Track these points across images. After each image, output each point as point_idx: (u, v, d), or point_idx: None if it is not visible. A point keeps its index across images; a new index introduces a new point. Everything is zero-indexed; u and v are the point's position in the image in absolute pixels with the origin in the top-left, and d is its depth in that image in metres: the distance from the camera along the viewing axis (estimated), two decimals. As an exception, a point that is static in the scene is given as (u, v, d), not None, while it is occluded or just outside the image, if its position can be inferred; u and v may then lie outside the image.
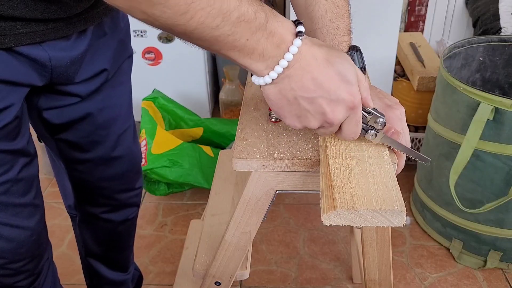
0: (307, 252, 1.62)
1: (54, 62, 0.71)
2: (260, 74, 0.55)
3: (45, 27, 0.66)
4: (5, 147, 0.70)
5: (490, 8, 2.04)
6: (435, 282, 1.50)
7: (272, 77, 0.55)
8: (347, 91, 0.56)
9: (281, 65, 0.54)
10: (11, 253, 0.78)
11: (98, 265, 1.17)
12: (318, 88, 0.55)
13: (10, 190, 0.73)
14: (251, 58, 0.54)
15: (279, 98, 0.57)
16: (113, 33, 0.82)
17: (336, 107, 0.56)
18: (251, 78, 0.58)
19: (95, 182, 0.99)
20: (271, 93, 0.57)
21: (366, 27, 1.85)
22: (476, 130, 1.33)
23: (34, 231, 0.80)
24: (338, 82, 0.55)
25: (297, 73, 0.55)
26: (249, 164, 0.70)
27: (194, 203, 1.86)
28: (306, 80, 0.55)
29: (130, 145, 0.99)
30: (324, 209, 0.56)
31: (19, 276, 0.82)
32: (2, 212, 0.74)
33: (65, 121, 0.85)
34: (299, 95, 0.56)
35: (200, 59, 2.12)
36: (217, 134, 1.97)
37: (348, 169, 0.60)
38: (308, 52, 0.54)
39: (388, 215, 0.54)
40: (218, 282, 0.88)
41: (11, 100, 0.69)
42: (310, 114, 0.57)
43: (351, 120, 0.59)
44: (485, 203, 1.41)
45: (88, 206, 1.06)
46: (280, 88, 0.56)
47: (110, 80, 0.86)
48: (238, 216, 0.77)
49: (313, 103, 0.56)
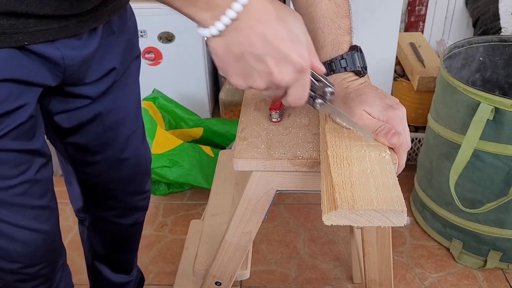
0: (307, 252, 1.62)
1: (67, 61, 0.70)
2: (205, 24, 0.52)
3: (57, 25, 0.65)
4: (23, 147, 0.70)
5: (490, 8, 2.04)
6: (435, 282, 1.50)
7: (219, 28, 0.51)
8: (297, 52, 0.53)
9: (228, 15, 0.50)
10: (27, 257, 0.77)
11: (103, 268, 1.16)
12: (267, 45, 0.52)
13: (29, 191, 0.72)
14: (195, 6, 0.51)
15: (225, 52, 0.53)
16: (121, 32, 0.82)
17: (284, 68, 0.53)
18: (197, 30, 0.54)
19: (104, 185, 0.98)
20: (217, 46, 0.53)
21: (366, 27, 1.85)
22: (476, 130, 1.33)
23: (50, 234, 0.79)
24: (288, 42, 0.53)
25: (246, 26, 0.51)
26: (250, 164, 0.70)
27: (194, 203, 1.86)
28: (255, 35, 0.52)
29: (139, 146, 0.98)
30: (325, 209, 0.56)
31: (35, 281, 0.81)
32: (20, 215, 0.73)
33: (75, 124, 0.84)
34: (247, 50, 0.52)
35: (200, 59, 2.12)
36: (217, 134, 1.97)
37: (349, 169, 0.60)
38: (260, 5, 0.51)
39: (389, 215, 0.54)
40: (219, 282, 0.88)
41: (25, 99, 0.68)
42: (257, 72, 0.54)
43: (298, 83, 0.56)
44: (485, 203, 1.41)
45: (98, 209, 1.05)
46: (226, 41, 0.53)
47: (119, 81, 0.85)
48: (239, 216, 0.77)
49: (260, 61, 0.53)
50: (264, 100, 0.84)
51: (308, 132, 0.75)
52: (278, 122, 0.78)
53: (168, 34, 2.04)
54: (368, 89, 0.72)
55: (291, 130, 0.76)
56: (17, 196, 0.71)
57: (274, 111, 0.78)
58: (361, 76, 0.74)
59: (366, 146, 0.65)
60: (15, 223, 0.72)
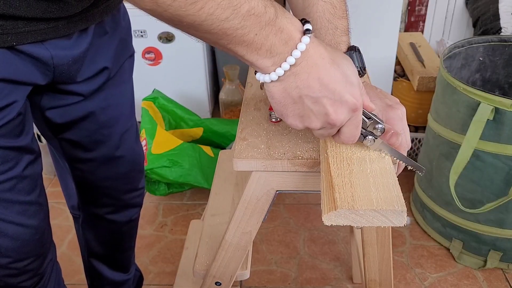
0: (307, 252, 1.62)
1: (56, 61, 0.71)
2: (266, 71, 0.55)
3: (46, 26, 0.66)
4: (10, 144, 0.70)
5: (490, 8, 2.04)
6: (435, 282, 1.50)
7: (279, 74, 0.54)
8: (350, 93, 0.56)
9: (288, 62, 0.53)
10: (16, 252, 0.78)
11: (100, 266, 1.17)
12: (324, 88, 0.55)
13: (16, 187, 0.73)
14: (258, 54, 0.53)
15: (283, 97, 0.56)
16: (114, 32, 0.83)
17: (339, 108, 0.56)
18: (256, 75, 0.57)
19: (99, 182, 0.99)
20: (276, 91, 0.56)
21: (366, 27, 1.86)
22: (476, 130, 1.33)
23: (38, 229, 0.80)
24: (342, 84, 0.55)
25: (304, 71, 0.54)
26: (250, 164, 0.70)
27: (194, 203, 1.86)
28: (312, 79, 0.54)
29: (133, 144, 0.99)
30: (325, 209, 0.56)
31: (23, 276, 0.82)
32: (8, 210, 0.73)
33: (68, 120, 0.85)
34: (304, 93, 0.55)
35: (200, 59, 2.12)
36: (217, 134, 1.97)
37: (349, 169, 0.60)
38: (315, 51, 0.54)
39: (389, 215, 0.54)
40: (219, 282, 0.88)
41: (14, 97, 0.69)
42: (313, 114, 0.57)
43: (351, 122, 0.59)
44: (485, 203, 1.41)
45: (92, 206, 1.06)
46: (285, 86, 0.55)
47: (112, 79, 0.86)
48: (239, 216, 0.77)
49: (317, 103, 0.55)
50: (264, 100, 0.84)
51: (308, 132, 0.75)
52: (278, 122, 0.78)
53: (168, 34, 2.04)
54: (368, 89, 0.72)
55: (291, 130, 0.76)
56: (4, 192, 0.72)
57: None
58: (360, 76, 0.74)
59: (366, 146, 0.65)
60: (2, 218, 0.73)
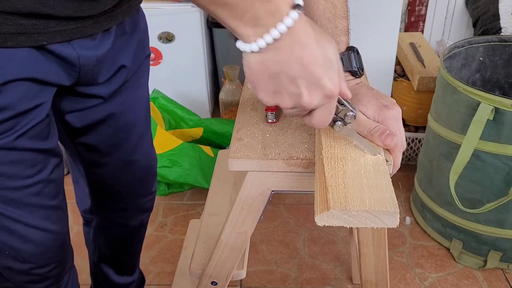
0: (307, 252, 1.62)
1: (82, 61, 0.71)
2: (246, 39, 0.52)
3: (75, 25, 0.66)
4: (39, 146, 0.70)
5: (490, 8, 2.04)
6: (435, 282, 1.50)
7: (260, 46, 0.51)
8: (329, 77, 0.54)
9: (272, 35, 0.50)
10: (38, 257, 0.77)
11: (107, 270, 1.16)
12: (303, 68, 0.52)
13: (42, 191, 0.72)
14: (240, 20, 0.51)
15: (260, 69, 0.54)
16: (133, 32, 0.82)
17: (314, 92, 0.54)
18: (236, 43, 0.54)
19: (114, 186, 0.98)
20: (254, 62, 0.53)
21: (366, 27, 1.85)
22: (476, 130, 1.33)
23: (61, 235, 0.79)
24: (323, 67, 0.53)
25: (286, 47, 0.51)
26: (245, 164, 0.70)
27: (194, 203, 1.86)
28: (294, 57, 0.52)
29: (149, 149, 0.98)
30: (317, 209, 0.56)
31: (45, 283, 0.81)
32: (33, 215, 0.73)
33: (87, 123, 0.84)
34: (282, 70, 0.53)
35: (200, 59, 2.13)
36: (217, 134, 1.97)
37: (343, 169, 0.60)
38: (302, 28, 0.51)
39: (381, 216, 0.54)
40: (215, 282, 0.88)
41: (42, 98, 0.68)
42: (287, 93, 0.54)
43: (325, 108, 0.57)
44: (485, 203, 1.41)
45: (106, 210, 1.05)
46: (264, 59, 0.53)
47: (130, 80, 0.85)
48: (234, 216, 0.77)
49: (293, 83, 0.53)
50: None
51: (304, 133, 0.75)
52: (274, 123, 0.78)
53: (168, 34, 2.04)
54: (364, 89, 0.72)
55: (287, 130, 0.76)
56: (31, 196, 0.71)
57: (270, 112, 0.78)
58: (357, 76, 0.75)
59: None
60: (28, 223, 0.72)
